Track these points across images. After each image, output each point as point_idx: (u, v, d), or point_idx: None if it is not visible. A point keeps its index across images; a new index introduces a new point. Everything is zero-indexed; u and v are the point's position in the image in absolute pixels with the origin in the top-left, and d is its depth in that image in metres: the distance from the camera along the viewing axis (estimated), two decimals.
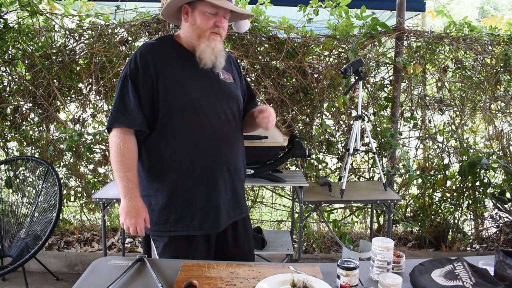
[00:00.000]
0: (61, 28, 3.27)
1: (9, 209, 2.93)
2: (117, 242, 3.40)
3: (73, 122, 3.31)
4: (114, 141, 1.56)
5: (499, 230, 3.51)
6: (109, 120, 1.58)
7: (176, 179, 1.61)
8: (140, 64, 1.57)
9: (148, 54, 1.59)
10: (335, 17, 3.20)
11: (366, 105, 3.37)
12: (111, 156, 1.57)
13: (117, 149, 1.54)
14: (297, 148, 2.47)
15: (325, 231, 3.62)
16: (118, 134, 1.55)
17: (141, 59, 1.58)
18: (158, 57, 1.60)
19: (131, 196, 1.54)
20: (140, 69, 1.57)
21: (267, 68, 3.17)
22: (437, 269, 1.38)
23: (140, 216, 1.53)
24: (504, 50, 3.29)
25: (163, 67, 1.59)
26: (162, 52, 1.63)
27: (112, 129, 1.57)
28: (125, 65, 1.62)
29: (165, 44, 1.67)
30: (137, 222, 1.53)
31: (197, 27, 1.61)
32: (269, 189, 3.54)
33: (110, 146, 1.58)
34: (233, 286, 1.31)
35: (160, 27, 3.13)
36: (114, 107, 1.58)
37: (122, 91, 1.58)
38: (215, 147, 1.62)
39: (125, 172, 1.54)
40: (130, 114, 1.55)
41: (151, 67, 1.57)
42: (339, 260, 1.30)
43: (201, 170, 1.61)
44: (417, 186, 3.50)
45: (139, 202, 1.55)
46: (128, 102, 1.56)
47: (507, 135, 3.47)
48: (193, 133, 1.59)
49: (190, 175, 1.61)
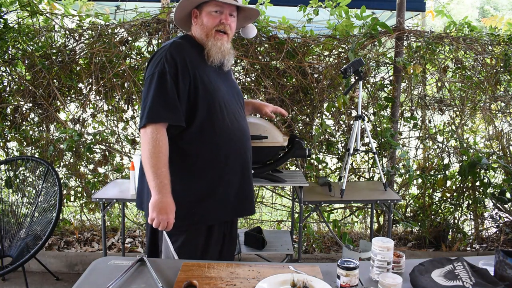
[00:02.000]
0: (61, 28, 3.27)
1: (9, 209, 2.93)
2: (117, 242, 3.40)
3: (73, 122, 3.31)
4: (151, 137, 1.56)
5: (499, 230, 3.51)
6: (147, 115, 1.56)
7: (213, 172, 1.69)
8: (178, 59, 1.60)
9: (183, 52, 1.64)
10: (335, 17, 3.20)
11: (366, 105, 3.37)
12: (146, 151, 1.56)
13: (155, 145, 1.55)
14: (297, 148, 2.47)
15: (325, 231, 3.62)
16: (156, 130, 1.56)
17: (178, 55, 1.61)
18: (191, 56, 1.65)
19: (165, 192, 1.57)
20: (179, 66, 1.60)
21: (267, 68, 3.17)
22: (437, 269, 1.38)
23: (172, 212, 1.58)
24: (504, 50, 3.29)
25: (197, 65, 1.65)
26: (191, 51, 1.68)
27: (148, 125, 1.57)
28: (157, 62, 1.62)
29: (190, 43, 1.72)
30: (169, 217, 1.57)
31: (204, 26, 1.69)
32: (269, 189, 3.54)
33: (145, 142, 1.57)
34: (233, 286, 1.31)
35: (160, 27, 3.13)
36: (152, 102, 1.57)
37: (160, 87, 1.58)
38: (243, 140, 1.77)
39: (162, 168, 1.56)
40: (171, 109, 1.58)
41: (188, 63, 1.62)
42: (339, 260, 1.30)
43: (236, 162, 1.73)
44: (417, 186, 3.50)
45: (171, 198, 1.59)
46: (168, 98, 1.58)
47: (507, 135, 3.47)
48: (226, 128, 1.69)
49: (227, 168, 1.71)
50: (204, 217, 1.69)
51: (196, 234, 1.70)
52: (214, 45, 1.67)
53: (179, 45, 1.66)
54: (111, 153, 3.36)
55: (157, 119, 1.56)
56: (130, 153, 3.37)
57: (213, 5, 1.66)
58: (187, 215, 1.65)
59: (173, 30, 3.13)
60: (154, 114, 1.56)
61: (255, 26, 3.07)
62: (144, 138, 1.58)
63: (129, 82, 3.17)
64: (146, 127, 1.57)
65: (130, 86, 3.17)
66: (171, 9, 3.18)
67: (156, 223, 1.57)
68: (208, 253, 1.71)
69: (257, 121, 2.35)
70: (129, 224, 3.61)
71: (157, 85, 1.58)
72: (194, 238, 1.69)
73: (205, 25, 1.68)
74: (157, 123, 1.56)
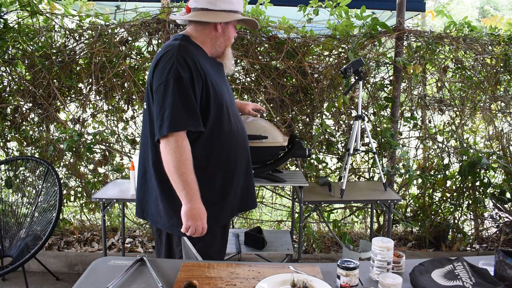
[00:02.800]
0: (61, 28, 3.27)
1: (9, 209, 2.93)
2: (117, 242, 3.40)
3: (73, 122, 3.31)
4: (176, 145, 1.53)
5: (499, 230, 3.51)
6: (170, 124, 1.51)
7: (224, 173, 1.72)
8: (191, 64, 1.58)
9: (192, 54, 1.62)
10: (335, 17, 3.20)
11: (366, 105, 3.37)
12: (172, 161, 1.53)
13: (181, 153, 1.53)
14: (297, 148, 2.47)
15: (325, 231, 3.62)
16: (180, 138, 1.54)
17: (190, 59, 1.59)
18: (199, 58, 1.64)
19: (196, 198, 1.58)
20: (193, 69, 1.58)
21: (267, 68, 3.17)
22: (437, 269, 1.38)
23: (205, 217, 1.61)
24: (504, 50, 3.29)
25: (205, 68, 1.64)
26: (197, 52, 1.68)
27: (170, 134, 1.53)
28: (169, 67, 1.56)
29: (193, 45, 1.71)
30: (203, 223, 1.60)
31: (228, 38, 1.76)
32: (269, 189, 3.54)
33: (169, 152, 1.53)
34: (233, 286, 1.31)
35: (160, 27, 3.13)
36: (171, 110, 1.52)
37: (178, 94, 1.54)
38: (245, 140, 1.82)
39: (190, 175, 1.56)
40: (192, 116, 1.57)
41: (199, 68, 1.61)
42: (339, 260, 1.30)
43: (241, 160, 1.78)
44: (417, 186, 3.50)
45: (201, 204, 1.60)
46: (189, 104, 1.56)
47: (507, 135, 3.47)
48: (233, 129, 1.72)
49: (235, 167, 1.74)
50: (218, 219, 1.72)
51: (213, 236, 1.73)
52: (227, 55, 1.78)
53: (186, 47, 1.63)
54: (111, 153, 3.36)
55: (179, 127, 1.53)
56: (130, 153, 3.37)
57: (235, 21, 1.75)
58: None
59: (173, 30, 3.13)
60: (176, 122, 1.52)
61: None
62: (167, 148, 1.54)
63: (129, 82, 3.17)
64: (168, 136, 1.53)
65: (130, 86, 3.17)
66: (171, 9, 3.18)
67: (191, 231, 1.58)
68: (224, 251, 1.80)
69: (257, 121, 2.34)
70: (129, 224, 3.61)
71: (175, 92, 1.53)
72: (212, 239, 1.72)
73: (229, 38, 1.75)
74: (179, 132, 1.53)
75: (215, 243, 1.77)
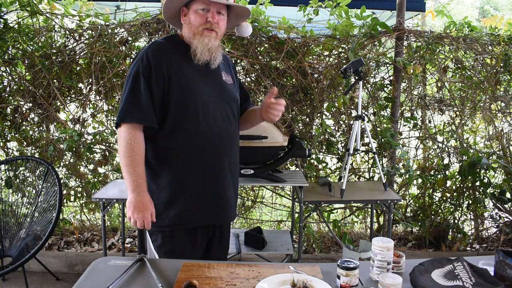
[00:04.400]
0: (61, 28, 3.27)
1: (9, 209, 2.93)
2: (117, 242, 3.40)
3: (73, 122, 3.31)
4: (123, 136, 1.57)
5: (499, 230, 3.51)
6: (119, 115, 1.59)
7: (183, 174, 1.66)
8: (152, 61, 1.60)
9: (160, 52, 1.63)
10: (335, 17, 3.20)
11: (366, 105, 3.37)
12: (120, 151, 1.59)
13: (127, 144, 1.57)
14: (297, 148, 2.47)
15: (325, 231, 3.62)
16: (128, 130, 1.58)
17: (154, 57, 1.61)
18: (169, 56, 1.64)
19: (139, 190, 1.57)
20: (153, 67, 1.60)
21: (267, 68, 3.17)
22: (437, 269, 1.38)
23: (147, 210, 1.58)
24: (504, 50, 3.29)
25: (174, 65, 1.63)
26: (172, 51, 1.67)
27: (121, 125, 1.59)
28: (134, 63, 1.64)
29: (173, 43, 1.71)
30: (144, 216, 1.57)
31: (192, 25, 1.66)
32: (269, 189, 3.54)
33: (119, 141, 1.60)
34: (233, 286, 1.31)
35: (160, 27, 3.14)
36: (124, 102, 1.60)
37: (133, 88, 1.60)
38: (220, 144, 1.70)
39: (135, 167, 1.57)
40: (142, 110, 1.58)
41: (163, 65, 1.61)
42: (339, 260, 1.30)
43: (209, 167, 1.68)
44: (417, 186, 3.50)
45: (147, 197, 1.59)
46: (140, 99, 1.59)
47: (507, 135, 3.47)
48: (201, 131, 1.65)
49: (198, 171, 1.67)
50: (174, 220, 1.66)
51: (174, 236, 1.68)
52: (200, 42, 1.63)
53: (157, 45, 1.66)
54: (111, 153, 3.36)
55: (128, 119, 1.58)
56: None
57: (199, 3, 1.63)
58: (161, 216, 1.65)
59: (173, 30, 3.13)
60: (125, 114, 1.58)
61: (255, 25, 3.09)
62: (118, 137, 1.61)
63: None
64: (120, 126, 1.59)
65: None
66: None
67: (133, 221, 1.58)
68: (191, 255, 1.66)
69: None
70: (129, 224, 3.61)
71: (131, 85, 1.60)
72: (172, 239, 1.67)
73: (192, 24, 1.65)
74: (129, 123, 1.58)
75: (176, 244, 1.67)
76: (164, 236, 1.67)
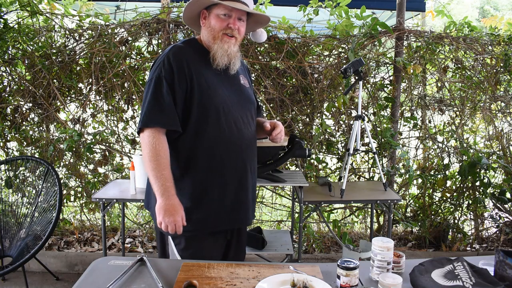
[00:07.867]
0: (61, 28, 3.27)
1: (9, 209, 2.93)
2: (117, 242, 3.40)
3: (73, 122, 3.31)
4: (148, 141, 1.57)
5: (499, 230, 3.51)
6: (142, 120, 1.59)
7: (206, 179, 1.66)
8: (174, 65, 1.60)
9: (181, 56, 1.62)
10: (335, 17, 3.20)
11: (366, 105, 3.37)
12: (145, 156, 1.58)
13: (152, 149, 1.56)
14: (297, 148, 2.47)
15: (325, 231, 3.62)
16: (152, 134, 1.57)
17: (175, 61, 1.60)
18: (190, 59, 1.64)
19: (168, 194, 1.56)
20: (175, 71, 1.59)
21: (267, 68, 3.17)
22: (437, 269, 1.38)
23: (178, 214, 1.57)
24: (504, 50, 3.29)
25: (196, 69, 1.63)
26: (192, 54, 1.67)
27: (144, 130, 1.58)
28: (156, 67, 1.63)
29: (193, 47, 1.71)
30: (176, 220, 1.56)
31: (212, 29, 1.66)
32: (269, 189, 3.54)
33: (143, 146, 1.59)
34: (233, 286, 1.31)
35: (160, 27, 3.13)
36: (147, 107, 1.59)
37: (155, 92, 1.59)
38: (242, 149, 1.71)
39: (162, 171, 1.56)
40: (166, 114, 1.58)
41: (185, 69, 1.60)
42: (339, 260, 1.30)
43: (231, 170, 1.69)
44: (417, 186, 3.50)
45: (177, 200, 1.58)
46: (163, 103, 1.58)
47: (507, 135, 3.47)
48: (224, 135, 1.65)
49: (221, 175, 1.67)
50: (196, 225, 1.66)
51: (197, 239, 1.68)
52: (220, 47, 1.64)
53: (178, 49, 1.66)
54: (111, 153, 3.36)
55: (151, 124, 1.57)
56: (130, 153, 3.37)
57: (222, 8, 1.63)
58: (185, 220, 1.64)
59: (173, 30, 3.13)
60: (148, 118, 1.58)
61: None
62: (142, 142, 1.60)
63: (129, 82, 3.17)
64: (144, 131, 1.59)
65: (130, 86, 3.17)
66: (171, 9, 3.18)
67: (164, 226, 1.57)
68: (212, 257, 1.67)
69: None
70: (129, 224, 3.61)
71: (153, 89, 1.59)
72: (195, 242, 1.68)
73: (213, 28, 1.65)
74: (152, 128, 1.57)
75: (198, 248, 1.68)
76: (187, 238, 1.67)
